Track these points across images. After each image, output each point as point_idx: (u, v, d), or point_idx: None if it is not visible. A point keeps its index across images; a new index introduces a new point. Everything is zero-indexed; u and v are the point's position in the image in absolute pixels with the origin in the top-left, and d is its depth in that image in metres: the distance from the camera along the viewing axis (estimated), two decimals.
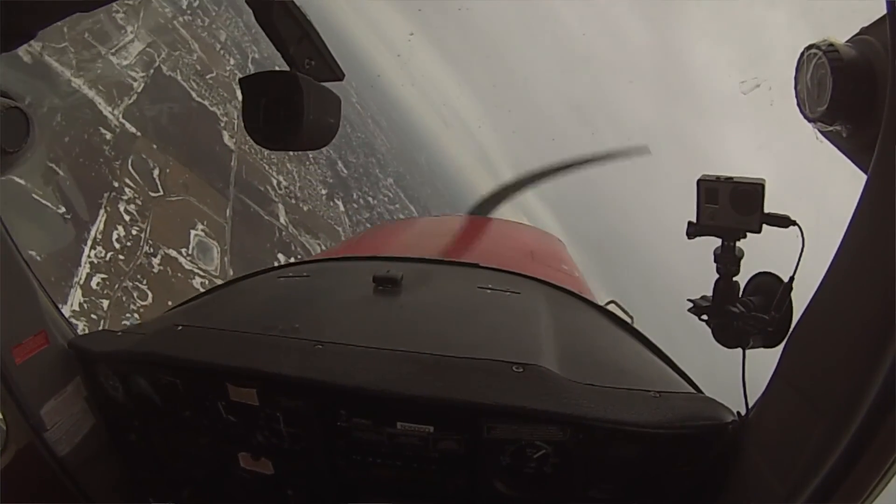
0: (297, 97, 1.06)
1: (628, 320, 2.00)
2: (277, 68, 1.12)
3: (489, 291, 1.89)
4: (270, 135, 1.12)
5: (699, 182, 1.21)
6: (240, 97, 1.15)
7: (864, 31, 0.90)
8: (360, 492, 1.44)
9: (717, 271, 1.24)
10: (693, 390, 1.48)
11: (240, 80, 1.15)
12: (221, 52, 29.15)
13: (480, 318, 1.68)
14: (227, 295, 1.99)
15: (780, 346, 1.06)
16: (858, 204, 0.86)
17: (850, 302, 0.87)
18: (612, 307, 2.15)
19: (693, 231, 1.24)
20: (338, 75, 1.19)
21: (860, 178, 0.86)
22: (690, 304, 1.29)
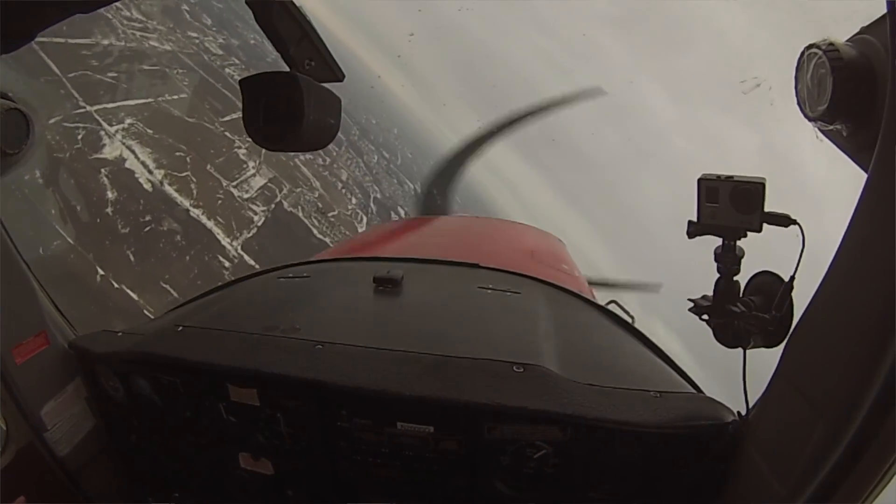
0: (297, 98, 1.06)
1: (629, 320, 2.00)
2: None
3: (489, 291, 1.89)
4: (271, 135, 1.12)
5: (700, 181, 1.21)
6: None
7: (864, 30, 0.90)
8: (360, 492, 1.44)
9: (718, 271, 1.24)
10: (693, 390, 1.48)
11: (240, 80, 1.15)
12: (343, 190, 29.04)
13: (481, 319, 1.68)
14: (227, 295, 1.99)
15: (781, 346, 1.05)
16: (858, 203, 0.85)
17: (851, 301, 0.87)
18: (612, 307, 2.15)
19: (693, 230, 1.24)
20: (338, 76, 1.19)
21: (860, 178, 0.86)
22: (691, 304, 1.28)
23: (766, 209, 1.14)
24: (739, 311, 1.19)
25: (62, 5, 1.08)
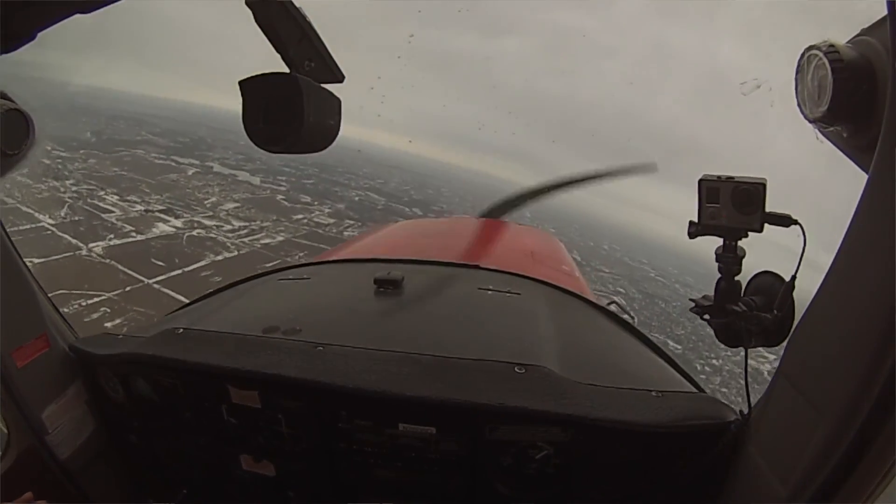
0: (297, 99, 1.06)
1: (629, 320, 2.00)
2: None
3: (490, 293, 1.89)
4: (271, 136, 1.12)
5: (700, 181, 1.21)
6: None
7: (864, 31, 0.90)
8: (361, 493, 1.44)
9: (719, 271, 1.24)
10: (695, 390, 1.48)
11: (239, 82, 1.14)
12: None
13: (482, 320, 1.68)
14: (227, 297, 1.98)
15: (783, 346, 1.06)
16: (859, 204, 0.86)
17: (851, 301, 0.87)
18: (613, 308, 2.16)
19: (694, 231, 1.24)
20: (338, 77, 1.18)
21: (860, 178, 0.87)
22: (692, 304, 1.29)
23: (767, 209, 1.15)
24: (741, 311, 1.19)
25: (62, 5, 1.07)
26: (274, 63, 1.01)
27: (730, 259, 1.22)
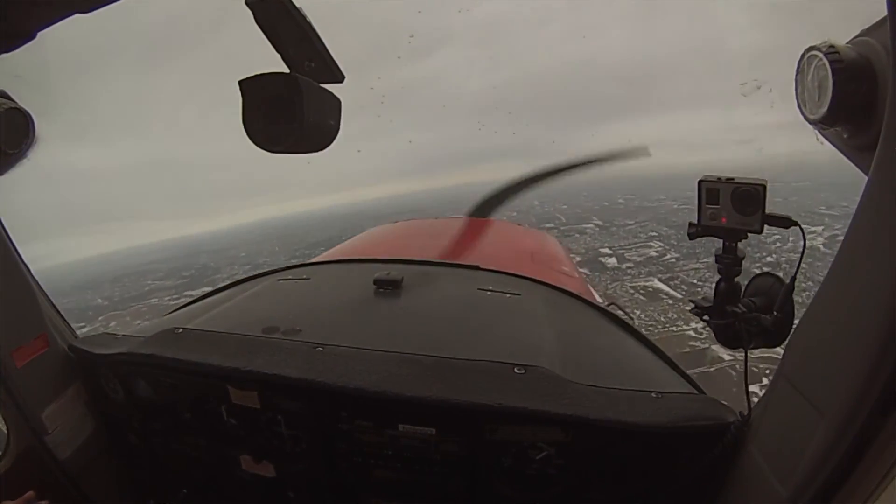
0: (297, 99, 1.06)
1: (628, 321, 2.00)
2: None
3: (489, 293, 1.89)
4: (271, 137, 1.11)
5: (700, 182, 1.21)
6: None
7: (864, 32, 0.90)
8: (361, 494, 1.44)
9: (719, 272, 1.24)
10: (695, 390, 1.48)
11: (239, 81, 1.14)
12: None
13: (481, 320, 1.68)
14: (227, 298, 1.98)
15: (784, 347, 1.06)
16: (859, 205, 0.85)
17: (852, 302, 0.87)
18: (612, 308, 2.16)
19: (694, 232, 1.24)
20: (338, 77, 1.18)
21: (861, 179, 0.86)
22: (692, 305, 1.29)
23: (767, 210, 1.15)
24: (740, 312, 1.19)
25: (62, 5, 1.07)
26: (273, 63, 1.01)
27: (730, 260, 1.22)
